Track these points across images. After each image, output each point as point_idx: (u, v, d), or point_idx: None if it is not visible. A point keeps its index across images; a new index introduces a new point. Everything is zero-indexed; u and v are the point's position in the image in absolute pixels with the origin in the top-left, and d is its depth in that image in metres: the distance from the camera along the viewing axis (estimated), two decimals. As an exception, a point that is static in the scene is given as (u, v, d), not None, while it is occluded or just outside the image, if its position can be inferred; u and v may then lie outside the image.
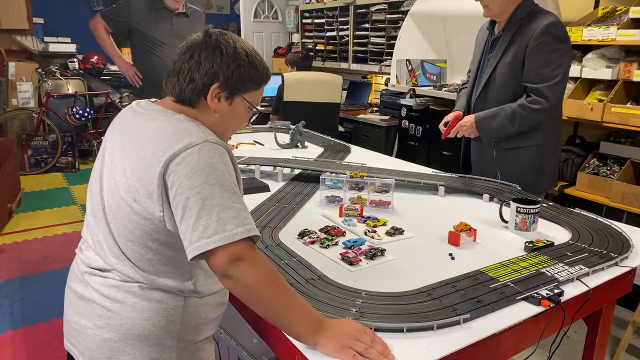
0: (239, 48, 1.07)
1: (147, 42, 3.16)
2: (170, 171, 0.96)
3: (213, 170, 0.96)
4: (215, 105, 1.07)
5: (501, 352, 1.13)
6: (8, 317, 2.59)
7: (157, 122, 1.05)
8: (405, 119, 3.91)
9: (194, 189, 0.94)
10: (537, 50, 1.94)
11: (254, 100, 1.12)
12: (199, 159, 0.96)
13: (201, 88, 1.06)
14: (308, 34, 5.83)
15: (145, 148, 1.01)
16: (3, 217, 3.77)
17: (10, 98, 5.28)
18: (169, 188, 0.96)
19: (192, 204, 0.94)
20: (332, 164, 2.25)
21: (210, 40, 1.06)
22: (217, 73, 1.05)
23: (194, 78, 1.05)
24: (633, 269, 1.37)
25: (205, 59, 1.05)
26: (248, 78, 1.08)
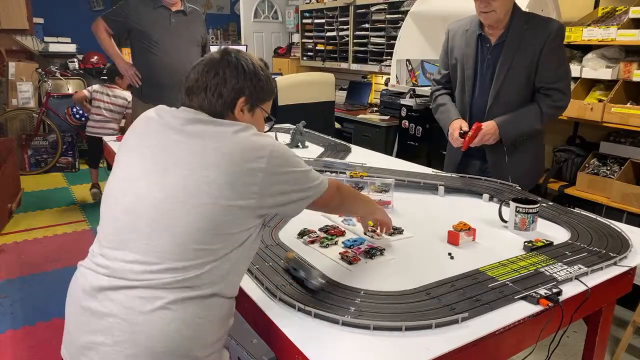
0: (256, 65, 1.18)
1: (146, 41, 3.16)
2: (256, 165, 1.05)
3: (289, 157, 1.12)
4: (241, 117, 1.16)
5: (500, 351, 1.13)
6: (8, 317, 2.59)
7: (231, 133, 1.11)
8: (405, 119, 3.91)
9: (284, 170, 1.09)
10: (553, 52, 2.03)
11: (268, 110, 1.25)
12: (279, 153, 1.09)
13: (230, 102, 1.15)
14: (308, 34, 5.84)
15: (232, 149, 1.06)
16: (3, 217, 3.77)
17: (11, 98, 5.28)
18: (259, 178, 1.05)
19: (285, 179, 1.09)
20: (332, 163, 2.25)
21: (231, 59, 1.16)
22: (243, 88, 1.15)
23: (222, 93, 1.14)
24: (632, 268, 1.37)
25: (230, 76, 1.15)
26: (266, 91, 1.20)
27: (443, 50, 2.33)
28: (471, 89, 2.19)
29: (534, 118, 2.07)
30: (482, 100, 2.15)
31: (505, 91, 2.09)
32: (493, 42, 2.10)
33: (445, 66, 2.32)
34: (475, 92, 2.18)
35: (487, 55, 2.12)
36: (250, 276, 1.25)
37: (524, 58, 2.04)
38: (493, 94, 2.11)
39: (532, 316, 1.11)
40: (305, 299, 1.11)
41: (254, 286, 1.22)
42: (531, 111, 2.07)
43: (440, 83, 2.38)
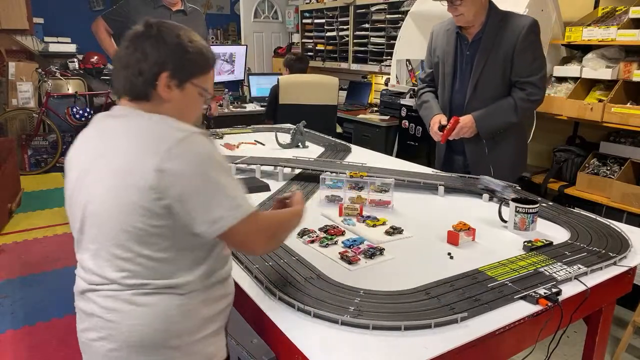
0: (181, 35, 1.08)
1: (146, 42, 3.16)
2: (166, 166, 0.97)
3: (211, 157, 1.01)
4: (167, 95, 1.07)
5: (500, 351, 1.13)
6: (8, 317, 2.59)
7: (136, 123, 1.05)
8: (405, 119, 3.91)
9: (200, 177, 0.98)
10: (527, 47, 2.12)
11: (204, 86, 1.12)
12: (196, 149, 0.99)
13: (151, 78, 1.05)
14: (308, 34, 5.84)
15: (131, 151, 1.01)
16: (3, 217, 3.77)
17: (11, 98, 5.28)
18: (170, 182, 0.97)
19: (203, 190, 0.98)
20: (332, 163, 2.25)
21: (151, 30, 1.06)
22: (165, 62, 1.05)
23: (143, 70, 1.04)
24: (632, 268, 1.37)
25: (151, 49, 1.04)
26: (196, 63, 1.09)
27: (427, 50, 2.45)
28: (451, 84, 2.29)
29: (509, 112, 2.17)
30: (461, 96, 2.25)
31: (482, 86, 2.19)
32: (470, 40, 2.20)
33: (429, 65, 2.44)
34: (455, 87, 2.28)
35: (466, 52, 2.22)
36: (250, 276, 1.25)
37: (499, 54, 2.14)
38: (471, 89, 2.21)
39: (531, 316, 1.11)
40: (305, 299, 1.11)
41: (254, 286, 1.22)
42: (506, 105, 2.17)
43: (425, 82, 2.49)
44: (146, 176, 0.97)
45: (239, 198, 1.02)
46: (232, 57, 5.37)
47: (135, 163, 0.98)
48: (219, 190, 0.99)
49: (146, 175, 0.97)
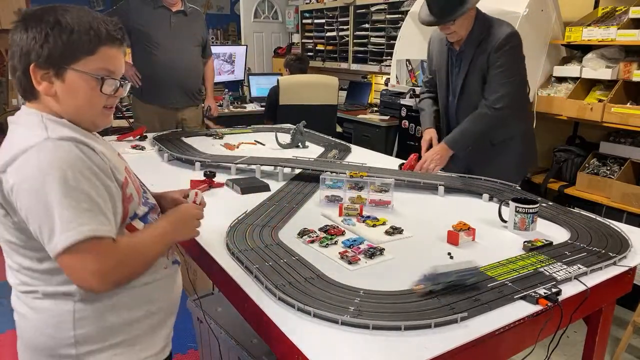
0: (47, 17, 0.95)
1: (146, 42, 3.16)
2: (8, 178, 0.91)
3: (54, 170, 0.89)
4: (45, 88, 0.96)
5: (499, 351, 1.13)
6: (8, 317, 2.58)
7: (15, 130, 0.99)
8: (405, 119, 3.91)
9: (34, 193, 0.89)
10: (496, 60, 2.18)
11: (95, 68, 0.98)
12: (38, 161, 0.89)
13: (23, 76, 0.96)
14: (308, 34, 5.84)
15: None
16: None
17: (11, 98, 5.28)
18: (10, 196, 0.92)
19: (35, 208, 0.90)
20: (332, 163, 2.25)
21: (18, 22, 0.97)
22: (29, 52, 0.94)
23: (15, 67, 0.96)
24: (632, 268, 1.37)
25: (15, 41, 0.96)
26: (68, 46, 0.95)
27: (427, 56, 2.54)
28: (445, 93, 2.40)
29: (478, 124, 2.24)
30: (454, 104, 2.37)
31: (467, 95, 2.30)
32: (457, 50, 2.28)
33: (430, 72, 2.54)
34: (449, 96, 2.39)
35: (455, 62, 2.31)
36: (250, 276, 1.25)
37: (477, 65, 2.23)
38: (458, 98, 2.33)
39: (531, 316, 1.11)
40: (305, 299, 1.11)
41: (254, 286, 1.22)
42: (470, 123, 2.24)
43: (427, 85, 2.60)
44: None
45: (68, 221, 0.89)
46: (232, 57, 5.37)
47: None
48: (48, 209, 0.88)
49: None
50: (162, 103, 3.28)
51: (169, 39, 3.18)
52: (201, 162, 2.25)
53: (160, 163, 2.40)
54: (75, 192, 0.89)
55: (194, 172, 2.19)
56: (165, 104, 3.29)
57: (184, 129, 3.30)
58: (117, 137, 2.90)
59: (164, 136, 2.83)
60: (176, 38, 3.21)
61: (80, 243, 0.89)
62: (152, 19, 3.16)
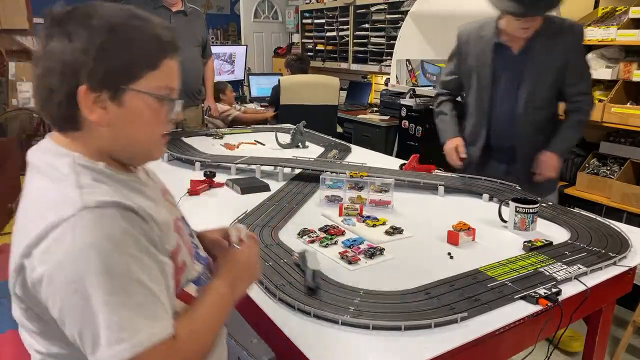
0: (95, 21, 0.71)
1: (146, 42, 3.16)
2: (35, 265, 0.68)
3: (95, 256, 0.67)
4: (99, 117, 0.73)
5: (499, 351, 1.13)
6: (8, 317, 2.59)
7: (36, 179, 0.78)
8: (405, 119, 3.91)
9: (71, 286, 0.66)
10: (579, 56, 2.05)
11: (158, 87, 0.77)
12: (73, 243, 0.66)
13: (67, 99, 0.72)
14: (308, 34, 5.84)
15: (16, 230, 0.74)
16: (3, 217, 3.77)
17: (11, 98, 5.28)
18: (38, 289, 0.69)
19: (71, 307, 0.67)
20: (332, 163, 2.25)
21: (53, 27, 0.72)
22: (77, 70, 0.70)
23: (53, 89, 0.72)
24: (632, 268, 1.37)
25: (51, 53, 0.71)
26: (129, 60, 0.73)
27: (454, 55, 2.23)
28: (489, 97, 2.11)
29: (577, 132, 2.13)
30: (507, 109, 2.08)
31: (535, 98, 2.05)
32: (516, 50, 2.02)
33: (455, 70, 2.24)
34: (496, 100, 2.10)
35: (509, 63, 2.04)
36: (250, 276, 1.25)
37: (552, 64, 2.00)
38: (522, 103, 2.05)
39: (531, 316, 1.11)
40: (305, 299, 1.11)
41: (254, 286, 1.21)
42: (574, 127, 2.10)
43: (447, 88, 2.32)
44: (11, 275, 0.71)
45: (118, 329, 0.67)
46: (232, 57, 5.37)
47: (12, 251, 0.71)
48: (91, 312, 0.66)
49: (11, 274, 0.71)
50: (162, 103, 3.28)
51: (169, 39, 3.18)
52: (201, 162, 2.25)
53: (160, 163, 2.40)
54: (124, 282, 0.68)
55: (194, 172, 2.19)
56: (165, 104, 3.28)
57: (184, 129, 3.30)
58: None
59: (164, 136, 2.82)
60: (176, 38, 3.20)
61: (149, 349, 0.68)
62: (152, 19, 3.16)
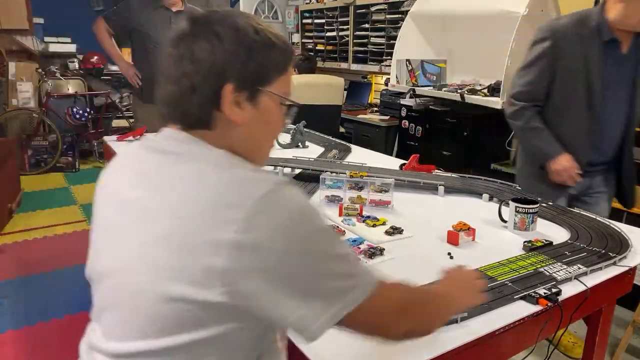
0: (242, 25, 0.76)
1: (146, 42, 3.16)
2: (250, 240, 0.66)
3: (308, 215, 0.71)
4: (238, 116, 0.76)
5: (499, 351, 1.13)
6: (8, 317, 2.59)
7: (195, 169, 0.73)
8: (405, 119, 3.91)
9: (299, 247, 0.68)
10: None
11: (284, 90, 0.81)
12: (287, 209, 0.69)
13: (211, 96, 0.74)
14: (308, 34, 5.84)
15: (189, 213, 0.69)
16: (3, 217, 3.77)
17: (11, 98, 5.28)
18: (251, 265, 0.66)
19: (301, 268, 0.68)
20: (332, 163, 2.25)
21: (199, 26, 0.75)
22: (225, 70, 0.74)
23: (196, 85, 0.74)
24: (632, 268, 1.37)
25: (203, 54, 0.74)
26: (269, 63, 0.77)
27: (541, 57, 1.94)
28: (600, 104, 1.86)
29: None
30: (618, 118, 1.88)
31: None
32: (625, 49, 1.84)
33: (544, 77, 1.95)
34: (607, 109, 1.87)
35: (619, 64, 1.84)
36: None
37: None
38: (632, 110, 1.86)
39: (531, 316, 1.11)
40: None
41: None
42: None
43: (532, 98, 1.99)
44: (210, 257, 0.66)
45: (354, 273, 0.73)
46: (232, 57, 5.37)
47: (195, 235, 0.67)
48: (325, 268, 0.70)
49: (210, 256, 0.66)
50: (162, 103, 3.28)
51: (169, 39, 3.18)
52: (201, 162, 2.24)
53: (160, 163, 2.40)
54: (337, 239, 0.75)
55: (194, 172, 2.18)
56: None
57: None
58: (117, 137, 2.90)
59: (164, 136, 2.82)
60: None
61: (377, 287, 0.74)
62: (152, 19, 3.16)
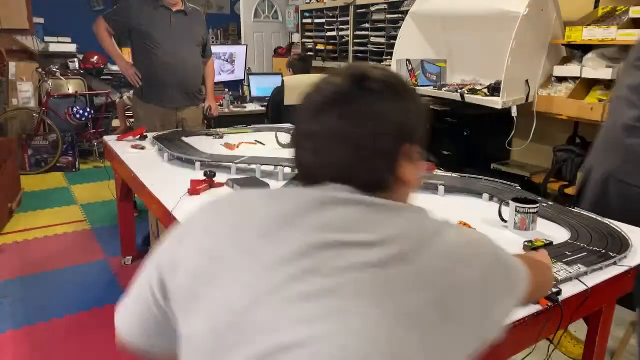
0: (411, 89, 0.77)
1: (146, 42, 3.16)
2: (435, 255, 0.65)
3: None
4: (405, 175, 0.72)
5: (499, 351, 1.13)
6: (8, 317, 2.59)
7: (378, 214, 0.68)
8: (406, 119, 3.90)
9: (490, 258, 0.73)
10: None
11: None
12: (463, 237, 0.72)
13: (393, 158, 0.71)
14: (308, 34, 5.84)
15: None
16: (3, 217, 3.77)
17: (11, 98, 5.28)
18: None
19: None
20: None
21: (375, 83, 0.71)
22: (410, 128, 0.72)
23: (381, 146, 0.69)
24: (632, 268, 1.37)
25: (389, 111, 0.70)
26: (424, 117, 0.78)
27: None
28: None
29: None
30: None
31: None
32: None
33: None
34: None
35: None
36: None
37: None
38: None
39: (531, 316, 1.11)
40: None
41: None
42: None
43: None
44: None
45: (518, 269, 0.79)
46: (232, 57, 5.37)
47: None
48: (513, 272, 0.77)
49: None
50: (163, 103, 3.28)
51: (169, 38, 3.18)
52: (201, 162, 2.25)
53: (161, 163, 2.40)
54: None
55: (194, 172, 2.19)
56: (165, 104, 3.29)
57: (184, 129, 3.30)
58: (117, 137, 2.91)
59: (164, 136, 2.83)
60: (177, 38, 3.21)
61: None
62: (152, 19, 3.16)
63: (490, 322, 0.71)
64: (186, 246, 0.70)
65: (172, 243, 0.74)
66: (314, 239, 0.63)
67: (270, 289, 0.60)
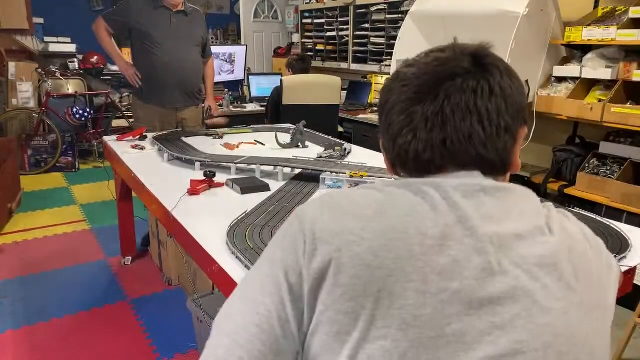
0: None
1: (146, 42, 3.16)
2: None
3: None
4: (517, 159, 0.72)
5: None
6: (8, 317, 2.59)
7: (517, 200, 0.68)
8: (405, 119, 3.91)
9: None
10: None
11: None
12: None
13: (515, 137, 0.70)
14: (308, 34, 5.84)
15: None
16: (3, 217, 3.77)
17: (11, 98, 5.28)
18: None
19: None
20: (332, 163, 2.25)
21: (493, 61, 0.69)
22: (525, 109, 0.71)
23: (508, 125, 0.67)
24: (632, 268, 1.37)
25: (511, 90, 0.68)
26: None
27: None
28: None
29: None
30: None
31: None
32: None
33: None
34: None
35: None
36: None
37: None
38: None
39: (531, 316, 1.11)
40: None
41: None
42: None
43: None
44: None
45: None
46: (232, 57, 5.37)
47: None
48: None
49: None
50: (162, 103, 3.28)
51: (169, 38, 3.18)
52: (201, 162, 2.25)
53: (161, 163, 2.40)
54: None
55: (194, 172, 2.19)
56: (165, 104, 3.29)
57: (184, 129, 3.30)
58: (117, 137, 2.91)
59: (164, 136, 2.83)
60: (176, 38, 3.21)
61: None
62: (152, 19, 3.16)
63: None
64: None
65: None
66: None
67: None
